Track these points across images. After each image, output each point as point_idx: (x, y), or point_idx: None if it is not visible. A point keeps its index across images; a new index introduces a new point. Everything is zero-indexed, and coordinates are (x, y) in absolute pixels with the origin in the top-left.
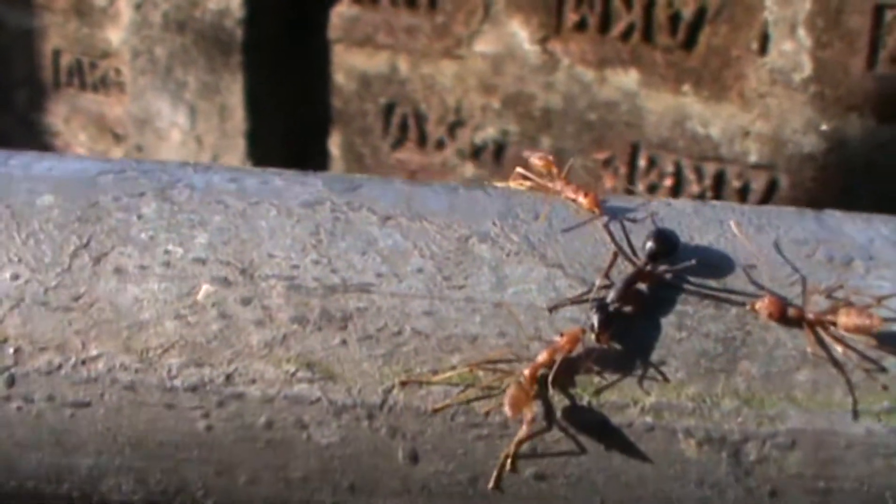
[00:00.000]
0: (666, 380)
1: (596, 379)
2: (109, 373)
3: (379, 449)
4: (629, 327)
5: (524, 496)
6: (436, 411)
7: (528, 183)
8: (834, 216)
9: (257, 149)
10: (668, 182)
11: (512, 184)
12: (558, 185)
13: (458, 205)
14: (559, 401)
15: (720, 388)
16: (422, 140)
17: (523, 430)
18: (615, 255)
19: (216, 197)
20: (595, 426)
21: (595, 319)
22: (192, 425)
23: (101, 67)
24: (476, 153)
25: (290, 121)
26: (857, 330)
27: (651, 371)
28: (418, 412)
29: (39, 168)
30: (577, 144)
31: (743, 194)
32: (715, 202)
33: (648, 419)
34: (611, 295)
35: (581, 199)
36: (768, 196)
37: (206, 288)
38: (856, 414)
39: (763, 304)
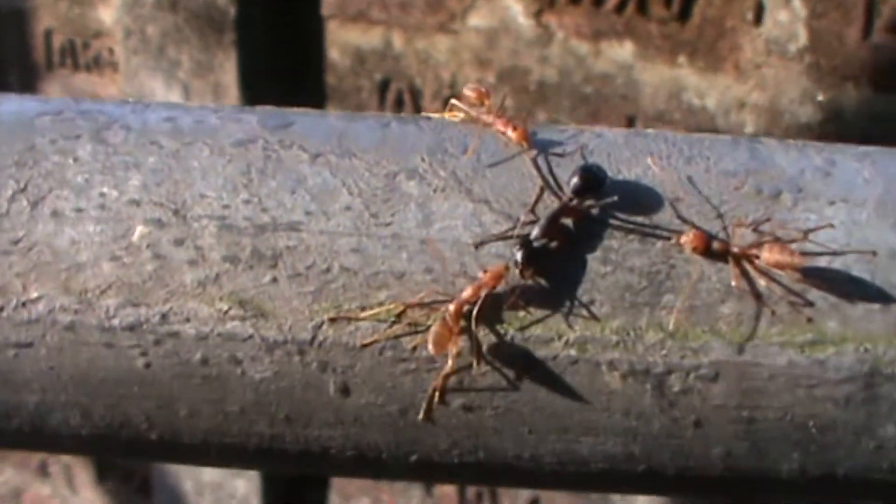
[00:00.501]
0: (590, 314)
1: (521, 314)
2: (50, 314)
3: (311, 383)
4: (554, 262)
5: (453, 426)
6: (364, 346)
7: (461, 115)
8: (767, 145)
9: None
10: None
11: (446, 115)
12: (489, 118)
13: (389, 139)
14: (485, 335)
15: (644, 321)
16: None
17: (449, 365)
18: (541, 190)
19: (150, 138)
20: (520, 360)
21: (519, 255)
22: (130, 363)
23: (93, 47)
24: None
25: (284, 98)
26: (780, 266)
27: (575, 305)
28: (347, 347)
29: None
30: (573, 118)
31: None
32: (648, 131)
33: (572, 352)
34: (535, 231)
35: (510, 132)
36: None
37: (140, 229)
38: (779, 346)
39: (688, 238)
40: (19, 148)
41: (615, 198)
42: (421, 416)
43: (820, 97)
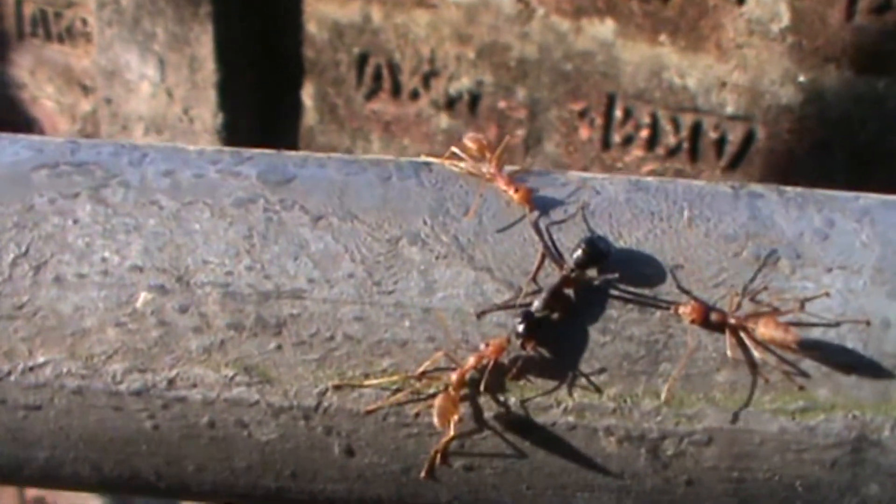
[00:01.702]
0: (589, 382)
1: (522, 382)
2: (57, 379)
3: (316, 445)
4: (555, 332)
5: (454, 483)
6: (368, 413)
7: (461, 164)
8: (768, 201)
9: (228, 100)
10: (644, 133)
11: (446, 163)
12: (491, 173)
13: (391, 198)
14: (486, 402)
15: (641, 388)
16: (396, 90)
17: (450, 433)
18: (542, 259)
19: (150, 197)
20: (520, 425)
21: (520, 328)
22: (139, 425)
23: (66, 17)
24: (450, 104)
25: (261, 71)
26: (775, 342)
27: (575, 374)
28: (352, 413)
29: None
30: (553, 95)
31: (719, 146)
32: (649, 183)
33: (571, 419)
34: (537, 303)
35: (512, 192)
36: (745, 148)
37: (144, 296)
38: (771, 413)
39: (686, 309)
40: (17, 208)
41: (616, 275)
42: (423, 474)
43: (801, 78)
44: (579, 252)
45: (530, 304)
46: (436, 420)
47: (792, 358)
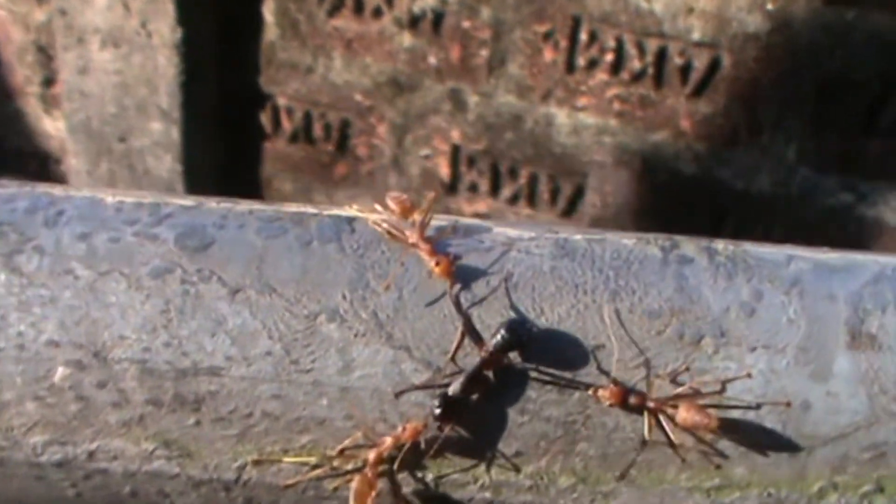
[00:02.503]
0: (506, 460)
1: (439, 459)
2: None
3: None
4: (472, 412)
5: None
6: (287, 487)
7: (385, 225)
8: (697, 271)
9: (186, 13)
10: (608, 57)
11: (370, 219)
12: (413, 239)
13: (310, 268)
14: (405, 477)
15: (558, 467)
16: (358, 7)
17: None
18: (462, 337)
19: (65, 266)
20: (436, 501)
21: (437, 411)
22: (62, 492)
23: None
24: (414, 22)
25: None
26: (695, 427)
27: (492, 452)
28: (271, 486)
29: None
30: (517, 16)
31: (685, 72)
32: (577, 243)
33: (487, 495)
34: (455, 385)
35: (433, 265)
36: (710, 75)
37: (61, 370)
38: (686, 490)
39: (605, 393)
40: None
41: (534, 365)
42: None
43: (769, 6)
44: (499, 337)
45: (448, 384)
46: (351, 500)
47: (710, 438)
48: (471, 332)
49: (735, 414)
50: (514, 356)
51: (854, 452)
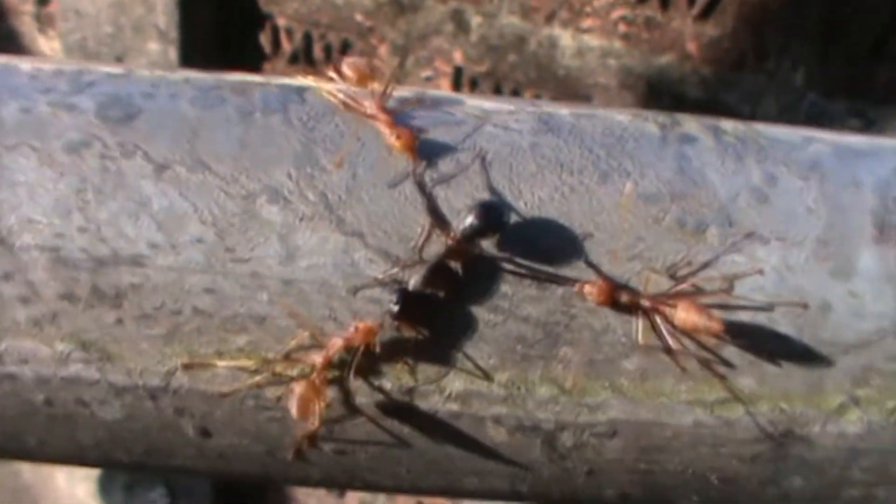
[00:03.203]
0: (476, 366)
1: (399, 365)
2: None
3: (167, 425)
4: (436, 311)
5: (326, 464)
6: (223, 396)
7: (339, 95)
8: (701, 151)
9: None
10: None
11: (323, 89)
12: (371, 110)
13: (251, 142)
14: (359, 387)
15: (536, 375)
16: None
17: (314, 424)
18: (430, 228)
19: None
20: (396, 411)
21: (395, 308)
22: None
23: None
24: None
25: None
26: (696, 330)
27: (460, 357)
28: (205, 395)
29: None
30: None
31: None
32: (563, 118)
33: (454, 407)
34: (415, 280)
35: (394, 139)
36: (714, 2)
37: None
38: (686, 404)
39: (592, 289)
40: None
41: (505, 251)
42: (290, 457)
43: None
44: (469, 220)
45: (407, 281)
46: (294, 411)
47: (713, 343)
48: (435, 215)
49: (743, 316)
50: (486, 245)
51: (879, 362)
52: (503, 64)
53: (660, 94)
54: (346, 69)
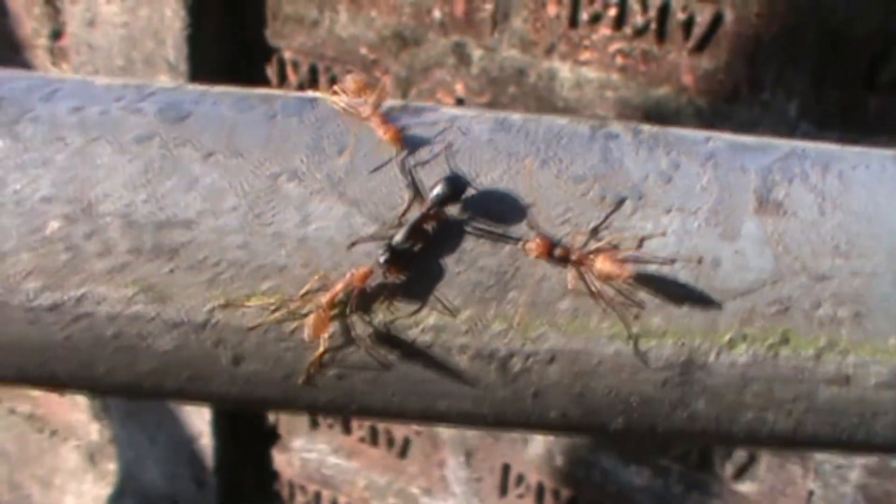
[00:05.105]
0: (444, 306)
1: (386, 305)
2: None
3: (207, 355)
4: (415, 262)
5: (329, 388)
6: (251, 329)
7: (342, 103)
8: (621, 144)
9: None
10: (611, 12)
11: (329, 98)
12: (366, 113)
13: (274, 136)
14: (356, 321)
15: (491, 313)
16: None
17: (322, 347)
18: (410, 200)
19: (58, 133)
20: (385, 341)
21: (382, 258)
22: (53, 336)
23: None
24: None
25: None
26: (610, 276)
27: (432, 298)
28: (237, 328)
29: None
30: None
31: (687, 27)
32: (514, 120)
33: (428, 337)
34: (398, 236)
35: (382, 134)
36: (713, 29)
37: (53, 224)
38: (607, 338)
39: (533, 244)
40: None
41: (466, 216)
42: (301, 381)
43: None
44: (438, 189)
45: (392, 237)
46: (306, 334)
47: (629, 289)
48: (414, 189)
49: (651, 268)
50: (452, 211)
51: (761, 307)
52: (504, 96)
53: (656, 124)
54: (347, 83)
